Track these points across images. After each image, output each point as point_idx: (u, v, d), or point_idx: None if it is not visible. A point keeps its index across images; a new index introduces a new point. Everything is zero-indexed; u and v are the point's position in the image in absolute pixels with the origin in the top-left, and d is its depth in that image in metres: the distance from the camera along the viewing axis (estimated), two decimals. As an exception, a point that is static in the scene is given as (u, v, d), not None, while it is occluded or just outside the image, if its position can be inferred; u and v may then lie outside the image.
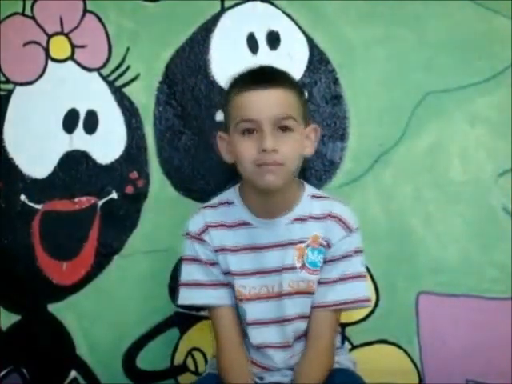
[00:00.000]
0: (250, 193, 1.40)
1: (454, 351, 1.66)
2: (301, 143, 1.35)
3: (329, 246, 1.39)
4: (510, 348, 1.62)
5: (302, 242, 1.39)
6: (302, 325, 1.41)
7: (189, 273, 1.42)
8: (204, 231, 1.41)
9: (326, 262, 1.39)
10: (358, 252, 1.40)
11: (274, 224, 1.39)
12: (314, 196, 1.42)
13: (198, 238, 1.41)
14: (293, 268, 1.38)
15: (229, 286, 1.41)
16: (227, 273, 1.41)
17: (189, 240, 1.43)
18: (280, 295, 1.39)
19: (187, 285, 1.42)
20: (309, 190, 1.43)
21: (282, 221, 1.39)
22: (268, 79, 1.32)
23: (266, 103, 1.30)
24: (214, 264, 1.41)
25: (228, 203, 1.44)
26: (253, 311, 1.40)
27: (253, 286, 1.40)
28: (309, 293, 1.39)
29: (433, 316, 1.66)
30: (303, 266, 1.39)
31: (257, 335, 1.41)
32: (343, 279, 1.38)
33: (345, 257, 1.38)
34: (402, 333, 1.67)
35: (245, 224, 1.41)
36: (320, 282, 1.39)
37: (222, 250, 1.41)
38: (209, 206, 1.45)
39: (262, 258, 1.39)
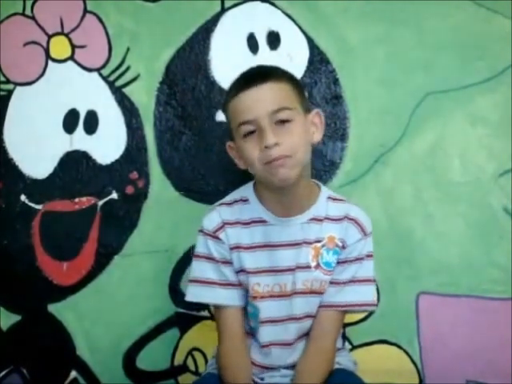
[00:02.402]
0: (265, 192, 1.39)
1: (454, 351, 1.65)
2: (305, 131, 1.33)
3: (344, 247, 1.39)
4: (510, 348, 1.62)
5: (317, 241, 1.39)
6: (307, 324, 1.41)
7: (200, 270, 1.41)
8: (220, 229, 1.40)
9: (338, 262, 1.39)
10: (369, 256, 1.41)
11: (290, 222, 1.39)
12: (330, 198, 1.42)
13: (213, 235, 1.40)
14: (307, 267, 1.39)
15: (239, 286, 1.41)
16: (241, 271, 1.40)
17: (202, 237, 1.41)
18: (292, 294, 1.39)
19: (197, 282, 1.41)
20: (325, 191, 1.43)
21: (297, 220, 1.39)
22: (255, 77, 1.31)
23: (257, 101, 1.29)
24: (226, 263, 1.40)
25: (243, 201, 1.43)
26: (266, 309, 1.40)
27: (266, 283, 1.39)
28: (320, 293, 1.39)
29: (433, 316, 1.66)
30: (318, 266, 1.39)
31: (267, 333, 1.41)
32: (353, 281, 1.39)
33: (357, 259, 1.39)
34: (403, 333, 1.67)
35: (260, 221, 1.40)
36: (331, 282, 1.39)
37: (237, 247, 1.40)
38: (224, 204, 1.44)
39: (276, 256, 1.39)
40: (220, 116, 1.70)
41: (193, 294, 1.42)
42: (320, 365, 1.36)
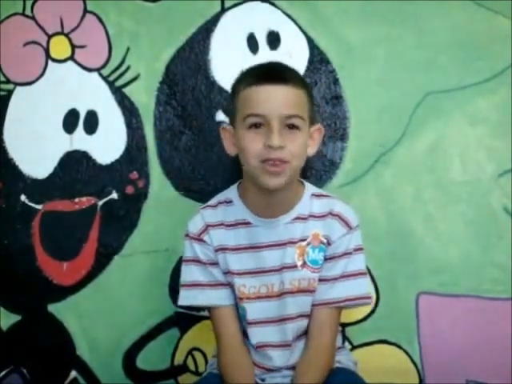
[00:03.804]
0: (251, 191, 1.39)
1: (454, 351, 1.66)
2: (306, 142, 1.34)
3: (329, 243, 1.39)
4: (510, 348, 1.63)
5: (302, 240, 1.39)
6: (303, 323, 1.41)
7: (189, 273, 1.42)
8: (203, 232, 1.41)
9: (326, 259, 1.39)
10: (358, 250, 1.40)
11: (274, 223, 1.39)
12: (314, 195, 1.42)
13: (198, 238, 1.41)
14: (294, 266, 1.38)
15: (229, 286, 1.41)
16: (227, 272, 1.41)
17: (188, 241, 1.43)
18: (281, 294, 1.39)
19: (187, 285, 1.42)
20: (309, 188, 1.43)
21: (282, 220, 1.39)
22: (278, 75, 1.30)
23: (275, 100, 1.28)
24: (213, 264, 1.41)
25: (227, 202, 1.44)
26: (253, 310, 1.40)
27: (253, 285, 1.40)
28: (310, 291, 1.39)
29: (433, 316, 1.66)
30: (304, 265, 1.39)
31: (256, 335, 1.41)
32: (344, 277, 1.38)
33: (345, 254, 1.38)
34: (402, 333, 1.67)
35: (244, 223, 1.41)
36: (321, 280, 1.39)
37: (222, 249, 1.41)
38: (208, 206, 1.45)
39: (261, 257, 1.39)
40: (220, 116, 1.70)
41: (184, 297, 1.43)
42: (319, 363, 1.36)
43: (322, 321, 1.39)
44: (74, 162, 1.75)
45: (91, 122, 1.74)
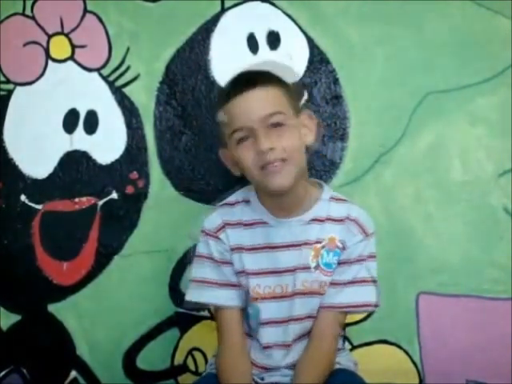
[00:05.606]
0: (264, 194, 1.39)
1: (454, 351, 1.66)
2: (298, 134, 1.34)
3: (344, 248, 1.39)
4: (510, 348, 1.63)
5: (318, 242, 1.39)
6: (307, 325, 1.41)
7: (200, 270, 1.42)
8: (221, 229, 1.41)
9: (339, 263, 1.39)
10: (371, 257, 1.40)
11: (291, 223, 1.39)
12: (332, 198, 1.42)
13: (214, 235, 1.41)
14: (307, 268, 1.38)
15: (239, 287, 1.41)
16: (242, 272, 1.40)
17: (203, 237, 1.42)
18: (293, 295, 1.39)
19: (198, 282, 1.42)
20: (328, 191, 1.43)
21: (298, 221, 1.39)
22: (245, 82, 1.31)
23: (251, 106, 1.29)
24: (226, 263, 1.40)
25: (245, 201, 1.43)
26: (267, 310, 1.40)
27: (267, 284, 1.39)
28: (320, 294, 1.39)
29: (433, 316, 1.66)
30: (317, 267, 1.38)
31: (267, 334, 1.40)
32: (354, 282, 1.38)
33: (359, 260, 1.38)
34: (402, 333, 1.67)
35: (261, 223, 1.40)
36: (331, 283, 1.39)
37: (238, 248, 1.40)
38: (226, 204, 1.44)
39: (277, 257, 1.39)
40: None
41: (192, 293, 1.43)
42: (319, 366, 1.36)
43: (327, 323, 1.38)
44: (74, 162, 1.75)
45: (91, 122, 1.74)
